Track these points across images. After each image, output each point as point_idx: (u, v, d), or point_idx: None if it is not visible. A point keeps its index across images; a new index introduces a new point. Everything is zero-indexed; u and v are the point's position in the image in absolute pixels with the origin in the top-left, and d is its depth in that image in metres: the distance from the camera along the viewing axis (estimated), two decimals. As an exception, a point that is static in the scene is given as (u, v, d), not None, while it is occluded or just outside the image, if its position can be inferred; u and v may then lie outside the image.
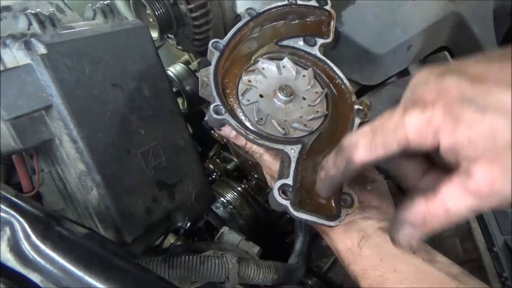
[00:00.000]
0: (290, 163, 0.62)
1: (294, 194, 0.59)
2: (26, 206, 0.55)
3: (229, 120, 0.63)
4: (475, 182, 0.43)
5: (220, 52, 0.70)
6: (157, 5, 1.04)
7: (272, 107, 0.69)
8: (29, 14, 0.77)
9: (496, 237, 0.94)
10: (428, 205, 0.47)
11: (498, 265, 0.90)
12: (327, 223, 0.58)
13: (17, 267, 0.51)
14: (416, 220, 0.49)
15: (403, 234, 0.50)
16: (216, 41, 0.71)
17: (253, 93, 0.70)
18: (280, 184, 0.59)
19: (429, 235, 0.50)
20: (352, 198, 0.60)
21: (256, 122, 0.66)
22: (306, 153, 0.64)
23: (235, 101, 0.69)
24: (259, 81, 0.71)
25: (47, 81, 0.71)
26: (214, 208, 1.37)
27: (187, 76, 1.28)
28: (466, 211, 0.45)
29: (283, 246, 1.39)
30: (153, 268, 0.79)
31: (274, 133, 0.66)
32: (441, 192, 0.46)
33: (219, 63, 0.69)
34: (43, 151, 0.79)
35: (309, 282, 1.21)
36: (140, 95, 0.86)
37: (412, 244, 0.51)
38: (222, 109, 0.64)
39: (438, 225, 0.48)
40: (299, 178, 0.61)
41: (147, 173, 0.84)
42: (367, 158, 0.51)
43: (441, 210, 0.46)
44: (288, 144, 0.64)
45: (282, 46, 0.76)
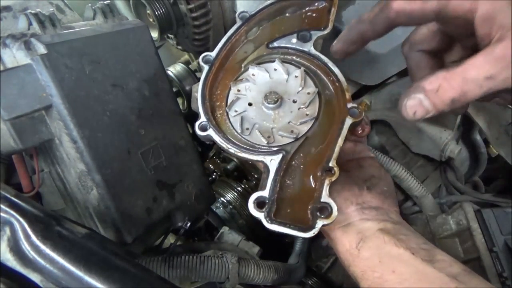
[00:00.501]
0: (269, 175, 0.61)
1: (269, 206, 0.58)
2: (26, 206, 0.55)
3: (212, 136, 0.65)
4: (504, 47, 0.45)
5: (210, 66, 0.70)
6: (157, 5, 1.04)
7: (262, 115, 0.68)
8: (29, 14, 0.77)
9: (496, 237, 0.94)
10: (447, 74, 0.49)
11: (498, 265, 0.90)
12: (300, 234, 0.57)
13: (17, 267, 0.51)
14: (430, 87, 0.50)
15: (413, 99, 0.51)
16: (205, 55, 0.71)
17: (241, 103, 0.69)
18: (256, 196, 0.59)
19: (437, 110, 0.50)
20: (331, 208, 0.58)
21: (241, 132, 0.67)
22: (288, 161, 0.63)
23: (223, 112, 0.69)
24: (249, 88, 0.70)
25: (47, 81, 0.71)
26: (214, 208, 1.37)
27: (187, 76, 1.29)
28: (484, 80, 0.46)
29: (283, 246, 1.39)
30: (153, 268, 0.79)
31: (259, 143, 0.65)
32: (465, 64, 0.48)
33: (207, 78, 0.70)
34: (43, 151, 0.79)
35: (309, 282, 1.21)
36: (140, 95, 0.86)
37: (417, 114, 0.51)
38: (206, 125, 0.65)
39: (450, 95, 0.49)
40: (277, 189, 0.60)
41: (147, 173, 0.84)
42: (403, 7, 0.52)
43: (459, 79, 0.48)
44: (268, 155, 0.63)
45: (273, 48, 0.74)
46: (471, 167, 1.31)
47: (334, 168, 0.60)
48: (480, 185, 1.34)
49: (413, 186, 1.07)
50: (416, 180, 1.07)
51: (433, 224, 1.08)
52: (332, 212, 0.58)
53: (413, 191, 1.08)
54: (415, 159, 1.23)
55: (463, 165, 1.28)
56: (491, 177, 1.46)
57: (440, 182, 1.25)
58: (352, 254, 0.66)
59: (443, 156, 1.15)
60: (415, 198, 1.11)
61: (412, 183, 1.07)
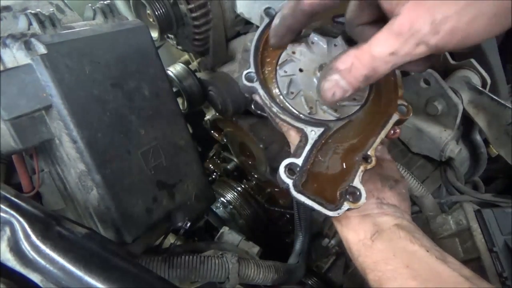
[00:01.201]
0: (306, 144, 0.60)
1: (300, 175, 0.57)
2: (26, 206, 0.55)
3: (257, 89, 0.62)
4: (399, 22, 0.47)
5: (270, 19, 0.67)
6: (157, 5, 1.04)
7: (309, 84, 0.66)
8: (29, 14, 0.77)
9: (496, 237, 0.94)
10: (357, 52, 0.51)
11: (498, 265, 0.90)
12: (324, 211, 0.57)
13: (17, 267, 0.51)
14: (343, 66, 0.52)
15: (330, 81, 0.53)
16: (268, 7, 0.68)
17: (293, 66, 0.67)
18: (288, 162, 0.58)
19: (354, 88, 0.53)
20: (360, 194, 0.59)
21: (286, 95, 0.64)
22: (328, 137, 0.62)
23: (272, 70, 0.67)
24: (303, 54, 0.68)
25: (47, 81, 0.71)
26: (214, 208, 1.37)
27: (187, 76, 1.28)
28: (388, 55, 0.49)
29: (283, 246, 1.39)
30: (153, 268, 0.79)
31: (301, 110, 0.64)
32: (371, 40, 0.50)
33: (265, 30, 0.67)
34: (43, 151, 0.79)
35: (309, 282, 1.21)
36: (140, 95, 0.86)
37: (335, 94, 0.53)
38: (253, 76, 0.63)
39: (362, 73, 0.51)
40: (311, 160, 0.59)
41: (147, 173, 0.84)
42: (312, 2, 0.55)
43: (367, 55, 0.50)
44: (310, 125, 0.62)
45: (339, 23, 0.71)
46: (471, 167, 1.31)
47: (372, 157, 0.60)
48: (480, 185, 1.34)
49: (413, 186, 1.07)
50: (416, 180, 1.07)
51: (433, 224, 1.08)
52: (360, 198, 0.58)
53: (413, 191, 1.08)
54: (415, 159, 1.23)
55: (463, 165, 1.28)
56: (491, 177, 1.46)
57: (440, 182, 1.24)
58: (365, 244, 0.66)
59: (443, 156, 1.15)
60: (415, 198, 1.10)
61: (412, 183, 1.07)
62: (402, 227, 0.66)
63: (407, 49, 0.48)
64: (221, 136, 1.43)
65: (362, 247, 0.66)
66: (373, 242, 0.65)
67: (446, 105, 1.08)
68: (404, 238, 0.64)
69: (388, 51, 0.49)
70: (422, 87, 1.09)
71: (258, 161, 1.33)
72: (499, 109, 1.08)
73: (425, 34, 0.46)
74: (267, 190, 1.41)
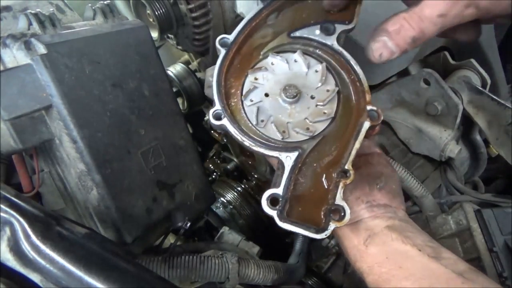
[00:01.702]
0: (283, 172, 0.60)
1: (282, 205, 0.58)
2: (26, 206, 0.55)
3: (227, 126, 0.62)
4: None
5: (227, 50, 0.67)
6: (157, 5, 1.04)
7: (277, 107, 0.66)
8: (29, 14, 0.77)
9: (496, 237, 0.94)
10: (407, 15, 0.53)
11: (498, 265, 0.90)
12: (312, 235, 0.58)
13: (17, 267, 0.51)
14: (392, 28, 0.54)
15: (378, 42, 0.55)
16: (223, 37, 0.68)
17: (258, 92, 0.66)
18: (269, 193, 0.58)
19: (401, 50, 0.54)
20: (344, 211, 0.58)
21: (256, 124, 0.64)
22: (304, 159, 0.62)
23: (238, 100, 0.66)
24: (266, 78, 0.67)
25: (47, 81, 0.71)
26: (214, 208, 1.37)
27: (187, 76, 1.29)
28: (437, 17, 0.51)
29: (283, 246, 1.39)
30: (153, 268, 0.79)
31: (273, 137, 0.64)
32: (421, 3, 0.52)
33: (224, 62, 0.67)
34: (43, 151, 0.79)
35: (309, 282, 1.21)
36: (140, 95, 0.86)
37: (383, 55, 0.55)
38: (220, 113, 0.63)
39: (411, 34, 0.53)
40: (291, 187, 0.60)
41: (147, 173, 0.84)
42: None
43: (416, 17, 0.52)
44: (284, 151, 0.61)
45: (295, 37, 0.70)
46: (471, 167, 1.31)
47: (350, 171, 0.60)
48: (480, 185, 1.34)
49: (413, 186, 1.07)
50: (416, 180, 1.07)
51: (433, 224, 1.08)
52: (345, 215, 0.58)
53: (413, 191, 1.08)
54: (415, 159, 1.23)
55: (463, 165, 1.28)
56: (491, 177, 1.46)
57: (440, 182, 1.24)
58: (360, 250, 0.67)
59: (443, 156, 1.15)
60: (415, 198, 1.10)
61: (412, 183, 1.07)
62: (394, 228, 0.67)
63: (456, 11, 0.50)
64: (221, 136, 1.43)
65: (357, 253, 0.68)
66: (367, 247, 0.67)
67: (446, 105, 1.08)
68: (396, 239, 0.65)
69: (437, 13, 0.51)
70: (422, 87, 1.09)
71: (258, 161, 1.33)
72: (499, 109, 1.08)
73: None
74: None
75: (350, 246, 0.69)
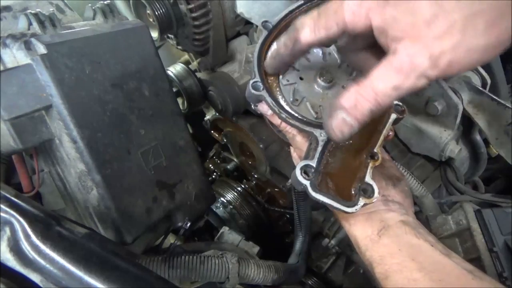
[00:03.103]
0: (317, 146, 0.63)
1: (316, 176, 0.60)
2: (26, 206, 0.55)
3: (265, 97, 0.65)
4: (399, 59, 0.49)
5: (268, 32, 0.70)
6: (157, 5, 1.04)
7: (310, 91, 0.70)
8: (29, 14, 0.77)
9: (496, 237, 0.94)
10: (359, 89, 0.52)
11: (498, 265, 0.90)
12: (343, 208, 0.59)
13: (17, 267, 0.51)
14: (348, 104, 0.53)
15: (336, 119, 0.54)
16: (265, 21, 0.71)
17: (293, 75, 0.70)
18: (304, 164, 0.60)
19: (360, 123, 0.54)
20: (372, 189, 0.61)
21: (291, 102, 0.67)
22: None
23: (275, 80, 0.69)
24: (301, 64, 0.71)
25: (47, 81, 0.71)
26: (214, 208, 1.37)
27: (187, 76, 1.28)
28: (391, 90, 0.50)
29: (283, 246, 1.39)
30: (153, 268, 0.79)
31: (307, 116, 0.67)
32: (371, 75, 0.51)
33: (265, 42, 0.69)
34: (43, 151, 0.79)
35: (309, 282, 1.21)
36: (140, 95, 0.86)
37: (344, 132, 0.55)
38: (260, 85, 0.65)
39: (367, 107, 0.52)
40: (323, 162, 0.62)
41: (147, 173, 0.84)
42: (311, 38, 0.56)
43: (370, 92, 0.51)
44: (319, 128, 0.64)
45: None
46: (471, 167, 1.31)
47: (378, 154, 0.64)
48: (480, 185, 1.34)
49: (413, 186, 1.07)
50: (416, 180, 1.07)
51: (433, 224, 1.08)
52: (373, 193, 0.61)
53: (413, 191, 1.08)
54: (415, 159, 1.23)
55: (463, 165, 1.27)
56: (491, 177, 1.46)
57: (440, 182, 1.24)
58: (372, 239, 0.69)
59: (443, 156, 1.15)
60: (415, 198, 1.10)
61: (412, 183, 1.07)
62: (407, 223, 0.69)
63: (409, 83, 0.50)
64: (221, 136, 1.44)
65: (370, 242, 0.69)
66: (380, 238, 0.68)
67: (446, 105, 1.08)
68: (409, 233, 0.67)
69: (390, 86, 0.50)
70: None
71: (258, 161, 1.33)
72: (499, 109, 1.08)
73: (425, 69, 0.48)
74: (267, 190, 1.41)
75: (362, 236, 0.70)
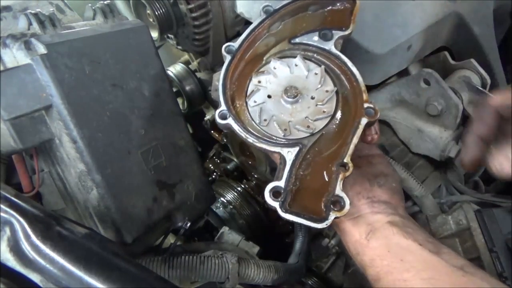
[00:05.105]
0: (285, 166, 0.64)
1: (284, 197, 0.61)
2: (26, 206, 0.55)
3: (231, 125, 0.66)
4: None
5: (232, 56, 0.72)
6: (157, 5, 1.04)
7: (279, 108, 0.71)
8: (29, 14, 0.77)
9: (496, 237, 0.94)
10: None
11: (498, 265, 0.90)
12: (313, 224, 0.60)
13: (17, 267, 0.51)
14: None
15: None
16: (228, 45, 0.73)
17: (261, 94, 0.71)
18: (272, 186, 0.62)
19: None
20: (344, 201, 0.61)
21: (259, 123, 0.69)
22: (304, 155, 0.65)
23: (243, 102, 0.71)
24: (269, 81, 0.72)
25: (47, 81, 0.71)
26: (214, 208, 1.37)
27: (187, 76, 1.28)
28: None
29: (283, 246, 1.39)
30: (153, 268, 0.79)
31: (276, 134, 0.68)
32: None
33: (229, 68, 0.71)
34: (43, 151, 0.79)
35: (309, 282, 1.21)
36: (140, 95, 0.86)
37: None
38: (226, 113, 0.67)
39: None
40: (292, 180, 0.63)
41: (147, 173, 0.84)
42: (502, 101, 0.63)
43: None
44: (286, 147, 0.65)
45: (295, 44, 0.76)
46: (471, 167, 1.31)
47: (348, 164, 0.63)
48: (480, 185, 1.33)
49: (413, 186, 1.07)
50: (416, 180, 1.07)
51: (433, 224, 1.08)
52: (344, 205, 0.61)
53: (413, 191, 1.08)
54: (415, 159, 1.23)
55: (463, 165, 1.27)
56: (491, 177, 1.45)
57: (440, 182, 1.24)
58: (362, 243, 0.69)
59: (443, 156, 1.15)
60: (415, 198, 1.10)
61: (412, 183, 1.07)
62: (395, 224, 0.69)
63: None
64: (221, 136, 1.43)
65: (359, 247, 0.70)
66: (369, 241, 0.69)
67: (446, 105, 1.08)
68: (397, 234, 0.67)
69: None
70: (422, 87, 1.09)
71: (258, 161, 1.33)
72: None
73: None
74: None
75: (351, 241, 0.71)
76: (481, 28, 1.18)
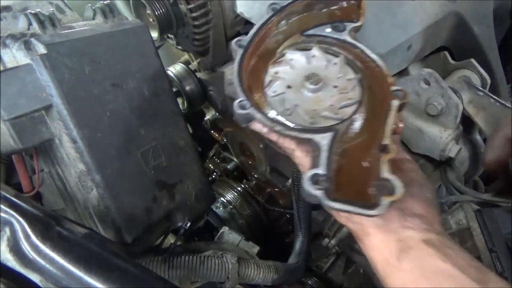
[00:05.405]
0: (321, 152, 0.58)
1: (327, 183, 0.54)
2: (26, 206, 0.55)
3: (253, 114, 0.61)
4: None
5: (244, 49, 0.68)
6: (157, 5, 1.04)
7: (301, 97, 0.66)
8: (29, 14, 0.77)
9: (496, 237, 0.94)
10: None
11: (498, 265, 0.90)
12: (365, 212, 0.52)
13: (17, 267, 0.51)
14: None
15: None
16: (239, 39, 0.69)
17: (280, 85, 0.68)
18: (312, 173, 0.54)
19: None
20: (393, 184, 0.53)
21: (283, 113, 0.63)
22: (339, 140, 0.60)
23: (261, 95, 0.67)
24: (286, 72, 0.69)
25: (47, 81, 0.71)
26: (214, 208, 1.37)
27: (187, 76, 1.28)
28: None
29: (283, 246, 1.39)
30: (153, 268, 0.79)
31: (302, 124, 0.62)
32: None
33: (242, 60, 0.67)
34: (43, 151, 0.79)
35: (309, 282, 1.21)
36: (140, 95, 0.86)
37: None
38: (246, 103, 0.62)
39: None
40: (331, 166, 0.56)
41: (147, 173, 0.84)
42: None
43: None
44: (317, 133, 0.60)
45: (309, 35, 0.73)
46: (471, 167, 1.31)
47: (389, 145, 0.57)
48: (480, 185, 1.33)
49: (413, 186, 1.07)
50: (416, 180, 1.07)
51: (433, 224, 1.08)
52: (395, 188, 0.53)
53: (413, 191, 1.08)
54: (415, 158, 1.23)
55: (463, 165, 1.27)
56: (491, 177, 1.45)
57: (440, 182, 1.24)
58: (391, 264, 0.59)
59: (443, 156, 1.15)
60: (415, 198, 1.10)
61: (412, 183, 1.07)
62: (431, 243, 0.58)
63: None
64: (221, 136, 1.43)
65: (388, 268, 0.60)
66: (400, 262, 0.58)
67: (446, 105, 1.08)
68: (434, 256, 0.57)
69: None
70: (422, 87, 1.09)
71: (258, 161, 1.33)
72: (499, 109, 1.08)
73: None
74: (267, 190, 1.41)
75: (380, 260, 0.61)
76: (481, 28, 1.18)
